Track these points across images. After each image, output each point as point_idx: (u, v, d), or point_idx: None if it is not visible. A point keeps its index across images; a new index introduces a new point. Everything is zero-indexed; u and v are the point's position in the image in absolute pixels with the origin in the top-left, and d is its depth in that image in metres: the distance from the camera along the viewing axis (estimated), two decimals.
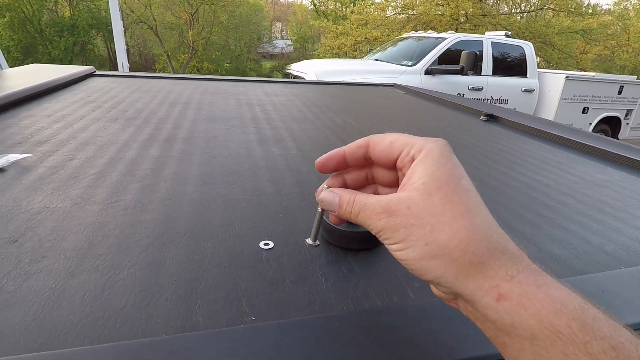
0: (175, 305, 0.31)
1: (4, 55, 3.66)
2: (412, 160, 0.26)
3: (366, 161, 0.30)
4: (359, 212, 0.26)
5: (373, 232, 0.26)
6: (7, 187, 0.50)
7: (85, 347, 0.26)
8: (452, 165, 0.25)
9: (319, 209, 0.33)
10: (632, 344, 0.19)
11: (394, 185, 0.30)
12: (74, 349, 0.25)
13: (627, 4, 17.51)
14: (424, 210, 0.23)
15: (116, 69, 5.29)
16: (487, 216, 0.24)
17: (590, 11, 12.17)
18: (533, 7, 12.45)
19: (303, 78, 3.98)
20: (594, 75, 5.31)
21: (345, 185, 0.31)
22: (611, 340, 0.19)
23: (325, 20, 14.13)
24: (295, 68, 4.61)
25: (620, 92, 5.33)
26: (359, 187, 0.32)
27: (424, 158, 0.25)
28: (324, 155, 0.31)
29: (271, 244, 0.41)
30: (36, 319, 0.28)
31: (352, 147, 0.30)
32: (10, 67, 2.39)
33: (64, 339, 0.27)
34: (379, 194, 0.30)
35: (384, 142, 0.28)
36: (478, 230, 0.22)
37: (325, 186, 0.31)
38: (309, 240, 0.35)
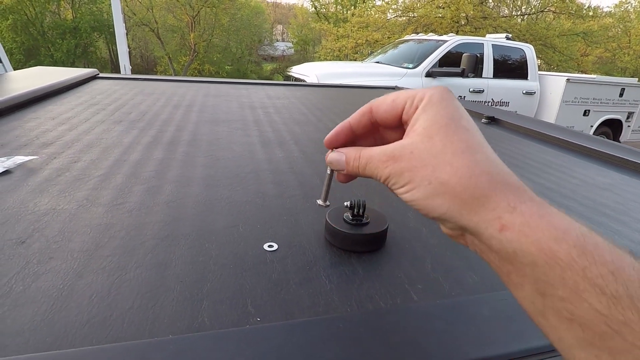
0: (181, 306, 0.32)
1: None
2: (416, 109, 0.26)
3: (373, 126, 0.30)
4: (365, 164, 0.27)
5: (381, 181, 0.26)
6: (14, 189, 0.50)
7: (94, 347, 0.26)
8: (453, 107, 0.25)
9: (328, 171, 0.33)
10: (633, 269, 0.19)
11: None
12: (82, 349, 0.26)
13: (628, 7, 17.54)
14: (425, 152, 0.24)
15: (118, 71, 5.30)
16: (488, 152, 0.24)
17: (591, 13, 12.19)
18: (534, 10, 12.48)
19: (304, 80, 4.00)
20: (595, 78, 5.32)
21: None
22: (611, 265, 0.19)
23: (326, 22, 14.18)
24: (297, 70, 4.63)
25: (621, 95, 5.33)
26: None
27: (425, 105, 0.26)
28: (331, 132, 0.31)
29: (275, 246, 0.42)
30: (45, 318, 0.29)
31: (356, 116, 0.30)
32: (13, 69, 2.41)
33: (72, 339, 0.27)
34: None
35: (386, 102, 0.28)
36: (478, 166, 0.23)
37: None
38: (319, 201, 0.36)
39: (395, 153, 0.25)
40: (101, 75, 1.59)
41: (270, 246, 0.41)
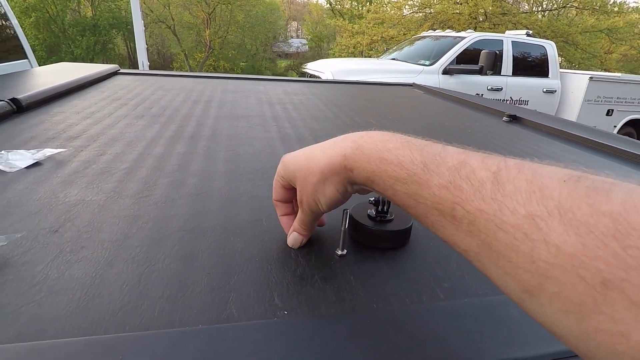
0: (209, 297, 0.32)
1: None
2: (282, 177, 0.40)
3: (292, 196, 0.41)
4: (302, 222, 0.39)
5: (321, 213, 0.38)
6: (45, 180, 0.52)
7: (128, 333, 0.27)
8: (290, 157, 0.39)
9: (342, 227, 0.39)
10: (407, 157, 0.28)
11: None
12: (117, 335, 0.27)
13: None
14: (302, 184, 0.36)
15: (135, 67, 5.39)
16: (320, 146, 0.36)
17: (616, 9, 11.77)
18: (555, 5, 12.14)
19: (319, 77, 3.99)
20: (619, 76, 5.14)
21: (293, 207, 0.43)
22: (395, 160, 0.28)
23: (341, 19, 14.07)
24: (312, 67, 4.62)
25: None
26: None
27: (283, 174, 0.39)
28: (283, 223, 0.43)
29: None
30: (80, 305, 0.30)
31: (277, 195, 0.42)
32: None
33: (106, 326, 0.28)
34: None
35: (276, 188, 0.41)
36: (319, 158, 0.35)
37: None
38: (338, 251, 0.40)
39: (299, 201, 0.38)
40: (122, 71, 1.62)
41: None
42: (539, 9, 12.50)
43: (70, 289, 0.31)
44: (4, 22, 2.25)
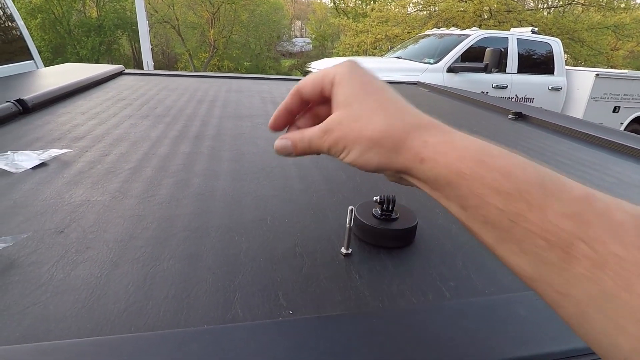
0: (214, 297, 0.32)
1: None
2: (332, 86, 0.30)
3: (305, 105, 0.34)
4: (309, 142, 0.31)
5: (325, 152, 0.30)
6: (50, 181, 0.52)
7: (133, 334, 0.27)
8: (360, 75, 0.30)
9: (347, 225, 0.38)
10: (519, 168, 0.23)
11: None
12: (123, 336, 0.26)
13: None
14: (349, 119, 0.28)
15: (140, 68, 5.42)
16: (399, 104, 0.29)
17: (622, 5, 11.62)
18: (561, 2, 12.02)
19: None
20: (626, 73, 5.07)
21: None
22: (503, 169, 0.23)
23: (345, 18, 14.04)
24: (316, 66, 4.62)
25: None
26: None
27: (339, 81, 0.30)
28: (272, 117, 0.34)
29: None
30: (85, 305, 0.30)
31: (288, 100, 0.33)
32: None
33: (112, 326, 0.28)
34: None
35: (307, 85, 0.32)
36: (391, 117, 0.28)
37: None
38: (343, 249, 0.39)
39: (328, 127, 0.29)
40: (127, 71, 1.63)
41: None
42: (545, 6, 12.39)
43: (76, 290, 0.31)
44: (10, 24, 2.27)
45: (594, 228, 0.20)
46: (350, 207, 0.38)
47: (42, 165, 0.56)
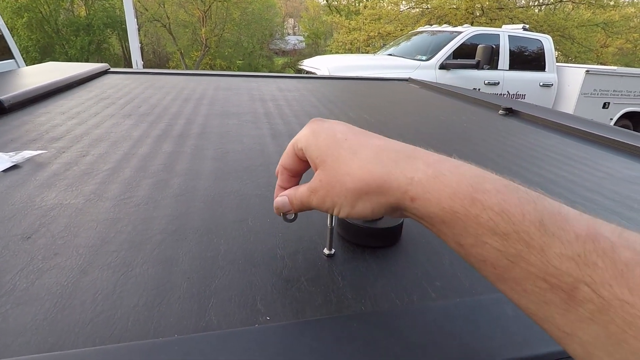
0: (188, 304, 0.30)
1: (22, 55, 3.74)
2: (302, 151, 0.32)
3: (299, 172, 0.35)
4: (300, 202, 0.32)
5: (320, 211, 0.31)
6: (22, 184, 0.50)
7: (97, 347, 0.25)
8: (324, 130, 0.31)
9: (329, 224, 0.36)
10: (515, 205, 0.21)
11: None
12: (84, 350, 0.25)
13: None
14: (328, 176, 0.29)
15: (131, 67, 5.35)
16: (372, 146, 0.28)
17: (612, 3, 11.71)
18: (552, 0, 12.10)
19: (316, 74, 3.96)
20: (615, 69, 5.13)
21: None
22: (497, 207, 0.22)
23: (338, 15, 13.99)
24: (308, 64, 4.59)
25: None
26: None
27: (306, 145, 0.31)
28: (276, 189, 0.36)
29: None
30: (48, 317, 0.28)
31: (279, 179, 0.35)
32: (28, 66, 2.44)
33: (75, 339, 0.26)
34: None
35: (286, 160, 0.34)
36: (367, 163, 0.27)
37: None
38: (325, 250, 0.38)
39: (312, 187, 0.30)
40: (112, 69, 1.60)
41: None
42: (536, 3, 12.46)
43: (39, 300, 0.29)
44: None
45: (598, 271, 0.19)
46: None
47: (14, 167, 0.54)
